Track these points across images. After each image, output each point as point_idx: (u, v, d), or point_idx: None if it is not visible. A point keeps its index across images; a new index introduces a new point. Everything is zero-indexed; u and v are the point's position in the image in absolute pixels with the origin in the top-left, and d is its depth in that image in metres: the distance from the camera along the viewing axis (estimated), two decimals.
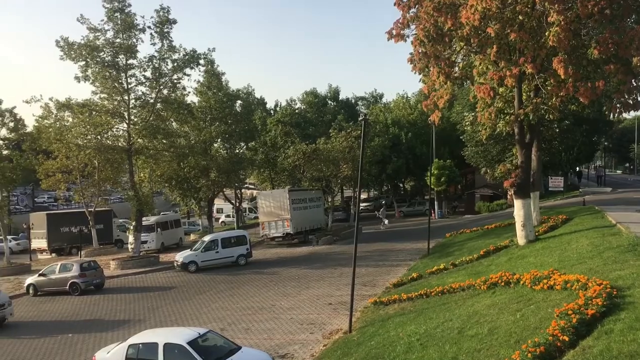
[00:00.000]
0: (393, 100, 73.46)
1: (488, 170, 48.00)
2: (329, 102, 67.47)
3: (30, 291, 30.88)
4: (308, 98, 65.25)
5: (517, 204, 23.62)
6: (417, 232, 42.13)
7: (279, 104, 66.91)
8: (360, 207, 39.30)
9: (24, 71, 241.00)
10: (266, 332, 19.82)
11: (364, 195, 76.21)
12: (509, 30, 19.85)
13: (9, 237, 44.85)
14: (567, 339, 10.03)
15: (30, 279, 31.56)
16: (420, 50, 21.81)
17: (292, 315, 21.76)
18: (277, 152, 54.61)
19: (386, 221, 50.61)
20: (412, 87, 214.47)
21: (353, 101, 72.25)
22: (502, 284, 16.63)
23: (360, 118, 21.00)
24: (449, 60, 22.03)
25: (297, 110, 62.78)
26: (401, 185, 74.74)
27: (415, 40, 21.62)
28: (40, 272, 31.61)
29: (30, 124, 43.73)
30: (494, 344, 11.63)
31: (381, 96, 77.08)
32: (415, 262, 30.01)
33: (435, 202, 53.39)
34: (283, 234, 43.09)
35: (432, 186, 47.65)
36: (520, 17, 19.70)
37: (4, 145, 43.33)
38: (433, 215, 50.00)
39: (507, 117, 24.01)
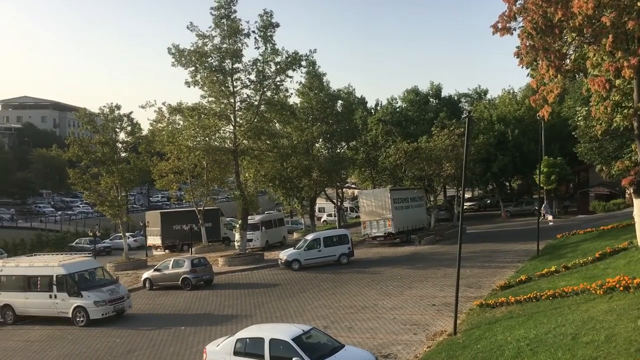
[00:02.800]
0: (498, 96, 70.92)
1: (604, 168, 44.95)
2: (431, 99, 66.26)
3: (147, 285, 32.87)
4: (409, 96, 64.44)
5: (637, 203, 22.01)
6: (524, 233, 40.36)
7: (380, 103, 66.62)
8: (465, 207, 38.28)
9: (141, 78, 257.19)
10: (369, 331, 19.81)
11: (467, 195, 74.16)
12: (626, 19, 18.50)
13: (127, 234, 47.89)
14: None
15: (146, 274, 33.60)
16: (527, 44, 20.82)
17: (395, 315, 21.58)
18: (378, 151, 54.40)
19: (550, 217, 48.01)
20: (518, 81, 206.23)
21: (456, 98, 70.48)
22: (621, 288, 15.59)
23: (463, 115, 20.46)
24: (559, 53, 20.84)
25: (398, 109, 62.24)
26: (507, 184, 71.99)
27: (522, 33, 20.67)
28: (155, 267, 33.57)
29: (145, 128, 46.42)
30: (612, 352, 10.92)
31: (485, 92, 74.63)
32: (524, 264, 28.79)
33: (545, 201, 50.87)
34: (385, 233, 42.83)
35: (541, 185, 45.47)
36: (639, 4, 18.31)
37: (122, 148, 46.15)
38: (547, 215, 47.53)
39: (625, 111, 22.38)
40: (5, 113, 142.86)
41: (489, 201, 69.22)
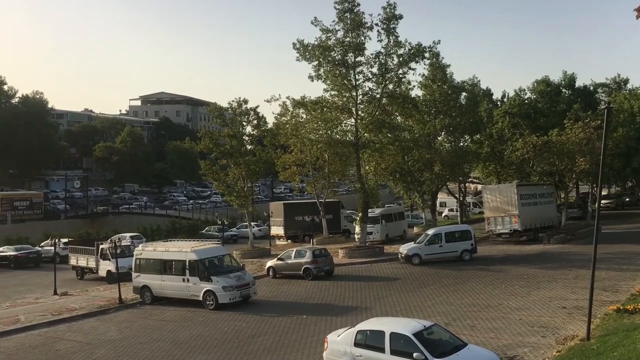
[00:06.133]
0: None
1: None
2: (563, 90, 62.33)
3: (270, 273, 34.03)
4: (539, 87, 61.05)
5: None
6: None
7: (507, 95, 63.75)
8: (600, 204, 35.71)
9: (266, 72, 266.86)
10: (493, 331, 19.13)
11: (604, 192, 69.14)
12: None
13: (252, 224, 49.85)
14: None
15: (270, 262, 34.79)
16: None
17: (521, 316, 20.68)
18: (504, 145, 52.18)
19: None
20: None
21: (591, 88, 65.70)
22: None
23: (601, 106, 19.02)
24: None
25: (526, 100, 59.23)
26: None
27: None
28: (279, 256, 34.65)
29: (270, 121, 48.00)
30: None
31: (625, 81, 68.81)
32: None
33: None
34: (510, 230, 41.14)
35: None
36: None
37: (248, 141, 48.04)
38: None
39: None
40: (145, 108, 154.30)
41: (627, 199, 64.10)
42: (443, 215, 63.97)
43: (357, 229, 43.18)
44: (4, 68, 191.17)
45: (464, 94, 53.05)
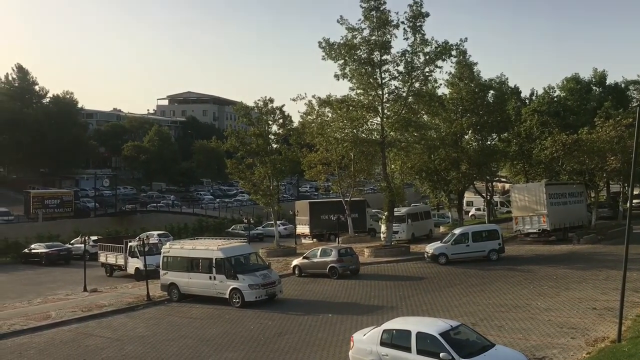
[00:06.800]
0: None
1: None
2: (594, 87, 61.33)
3: (296, 272, 34.10)
4: (569, 84, 60.15)
5: None
6: None
7: (535, 93, 62.89)
8: (632, 204, 34.96)
9: (291, 71, 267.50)
10: (521, 331, 18.91)
11: (635, 191, 67.69)
12: None
13: (278, 222, 50.01)
14: None
15: (295, 261, 34.87)
16: None
17: (550, 317, 20.40)
18: (533, 143, 51.46)
19: None
20: None
21: (623, 86, 64.50)
22: None
23: (632, 104, 18.62)
24: None
25: (555, 98, 58.34)
26: None
27: None
28: (304, 255, 34.71)
29: (296, 120, 48.11)
30: None
31: None
32: None
33: None
34: (538, 230, 40.57)
35: None
36: None
37: (274, 140, 48.18)
38: None
39: None
40: (172, 107, 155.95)
41: None
42: (470, 214, 63.37)
43: (383, 228, 43.00)
44: (35, 68, 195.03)
45: (491, 92, 52.44)
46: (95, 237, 45.79)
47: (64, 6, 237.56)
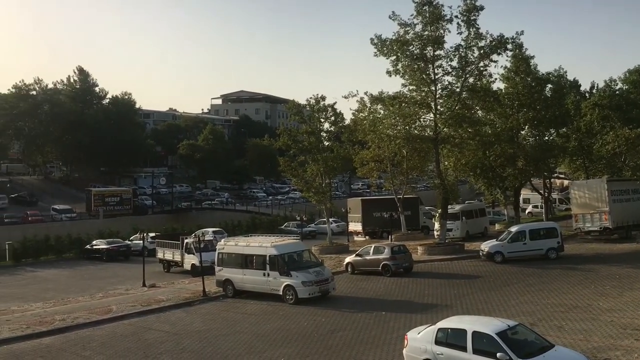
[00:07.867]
0: None
1: None
2: None
3: (349, 269, 34.08)
4: (632, 77, 57.96)
5: None
6: None
7: (596, 86, 60.95)
8: None
9: (343, 69, 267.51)
10: (581, 332, 18.32)
11: None
12: None
13: (330, 220, 50.09)
14: None
15: (348, 258, 34.85)
16: None
17: (613, 318, 19.69)
18: (593, 138, 49.78)
19: None
20: None
21: None
22: None
23: None
24: None
25: (617, 92, 56.24)
26: None
27: None
28: (357, 252, 34.64)
29: (348, 117, 48.08)
30: None
31: None
32: None
33: None
34: (600, 228, 39.19)
35: None
36: None
37: (326, 137, 48.29)
38: None
39: None
40: (225, 106, 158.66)
41: None
42: (527, 212, 61.87)
43: (437, 225, 42.47)
44: (95, 69, 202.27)
45: (549, 85, 50.89)
46: (153, 234, 47.03)
47: (125, 9, 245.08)
